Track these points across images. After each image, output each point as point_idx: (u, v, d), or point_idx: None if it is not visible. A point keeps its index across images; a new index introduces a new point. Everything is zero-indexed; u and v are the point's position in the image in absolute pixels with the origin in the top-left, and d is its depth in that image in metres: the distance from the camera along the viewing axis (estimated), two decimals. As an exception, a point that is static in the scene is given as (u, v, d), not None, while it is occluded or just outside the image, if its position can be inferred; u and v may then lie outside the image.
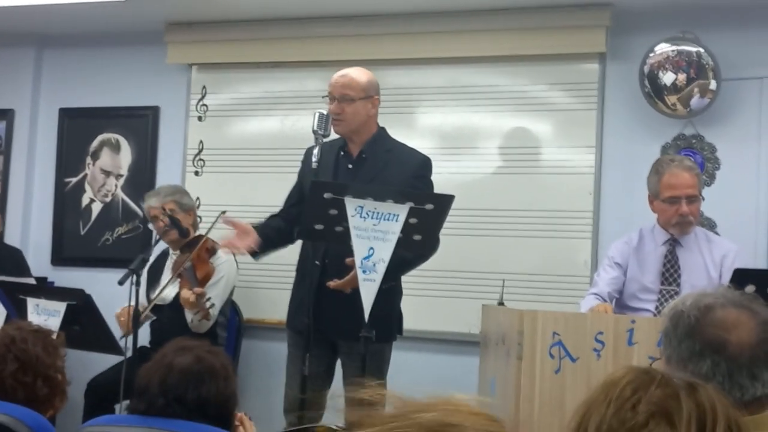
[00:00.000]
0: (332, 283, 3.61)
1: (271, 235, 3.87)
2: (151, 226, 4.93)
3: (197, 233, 4.63)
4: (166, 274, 4.59)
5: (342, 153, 3.86)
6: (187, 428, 2.20)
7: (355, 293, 3.38)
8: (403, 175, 3.78)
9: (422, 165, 3.86)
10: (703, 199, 3.91)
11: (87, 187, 5.62)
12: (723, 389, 1.73)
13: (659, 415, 1.22)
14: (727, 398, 1.27)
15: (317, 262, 3.69)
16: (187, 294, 4.29)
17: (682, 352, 1.84)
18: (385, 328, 3.75)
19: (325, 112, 3.68)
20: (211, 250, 4.54)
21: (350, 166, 3.86)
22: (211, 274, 4.49)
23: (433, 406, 1.05)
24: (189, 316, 4.41)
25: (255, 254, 3.84)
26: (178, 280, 4.42)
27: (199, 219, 4.90)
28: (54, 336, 2.65)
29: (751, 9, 4.54)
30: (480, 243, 4.78)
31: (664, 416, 1.22)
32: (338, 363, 3.94)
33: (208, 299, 4.30)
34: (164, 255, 4.78)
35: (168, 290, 4.50)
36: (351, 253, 3.40)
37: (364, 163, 3.85)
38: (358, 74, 3.87)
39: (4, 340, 2.53)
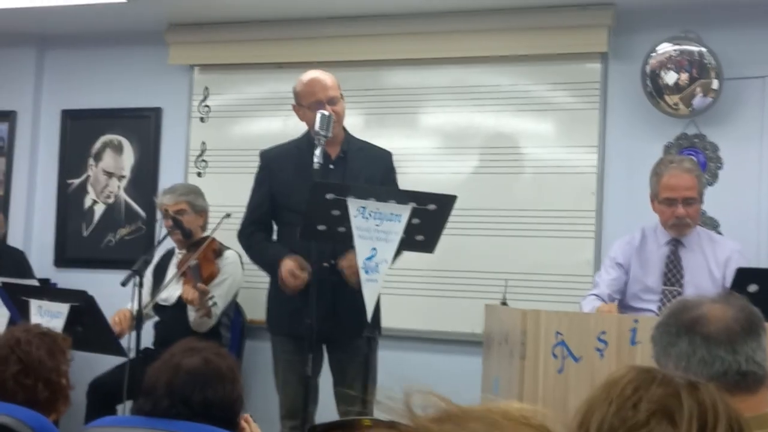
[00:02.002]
0: (344, 262, 3.60)
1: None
2: (159, 222, 4.94)
3: (205, 234, 4.63)
4: (171, 273, 4.59)
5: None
6: (191, 429, 2.20)
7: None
8: (381, 171, 3.89)
9: (390, 158, 3.99)
10: (702, 201, 3.90)
11: (89, 188, 5.62)
12: (705, 363, 1.78)
13: (660, 414, 1.23)
14: (720, 387, 1.28)
15: (326, 264, 3.69)
16: (190, 292, 4.30)
17: (663, 341, 1.89)
18: (378, 323, 3.79)
19: (327, 113, 3.67)
20: (218, 251, 4.55)
21: (331, 166, 3.85)
22: (216, 274, 4.49)
23: (481, 417, 0.87)
24: (191, 314, 4.41)
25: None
26: (183, 279, 4.43)
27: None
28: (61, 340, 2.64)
29: (753, 8, 4.54)
30: (482, 243, 4.78)
31: (665, 415, 1.22)
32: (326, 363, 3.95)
33: (211, 297, 4.31)
34: (169, 254, 4.78)
35: (172, 290, 4.50)
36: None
37: (345, 162, 3.87)
38: (329, 75, 3.91)
39: (9, 342, 2.52)
